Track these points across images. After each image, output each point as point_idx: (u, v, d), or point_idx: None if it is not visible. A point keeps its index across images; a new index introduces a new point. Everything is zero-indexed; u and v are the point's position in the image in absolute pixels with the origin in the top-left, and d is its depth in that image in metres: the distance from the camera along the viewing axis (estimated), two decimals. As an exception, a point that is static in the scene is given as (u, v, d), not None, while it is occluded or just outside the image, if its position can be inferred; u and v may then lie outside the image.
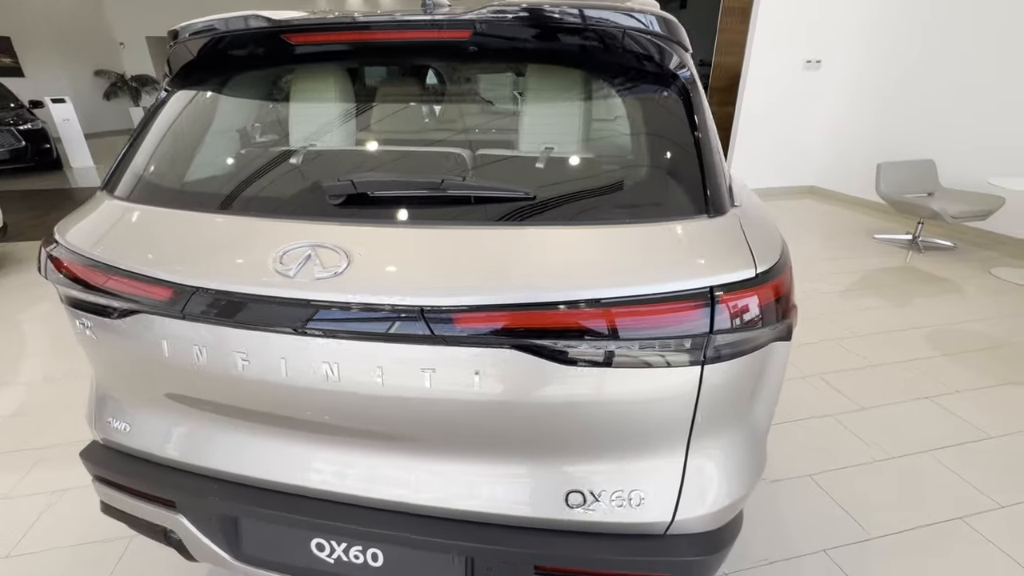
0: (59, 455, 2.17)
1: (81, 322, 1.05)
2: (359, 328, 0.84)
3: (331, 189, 0.92)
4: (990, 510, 1.85)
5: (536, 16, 0.93)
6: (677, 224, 0.88)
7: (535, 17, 0.93)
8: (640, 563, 0.92)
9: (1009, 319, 3.34)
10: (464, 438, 0.93)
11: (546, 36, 0.98)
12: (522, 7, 0.92)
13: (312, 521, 1.02)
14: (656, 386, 0.85)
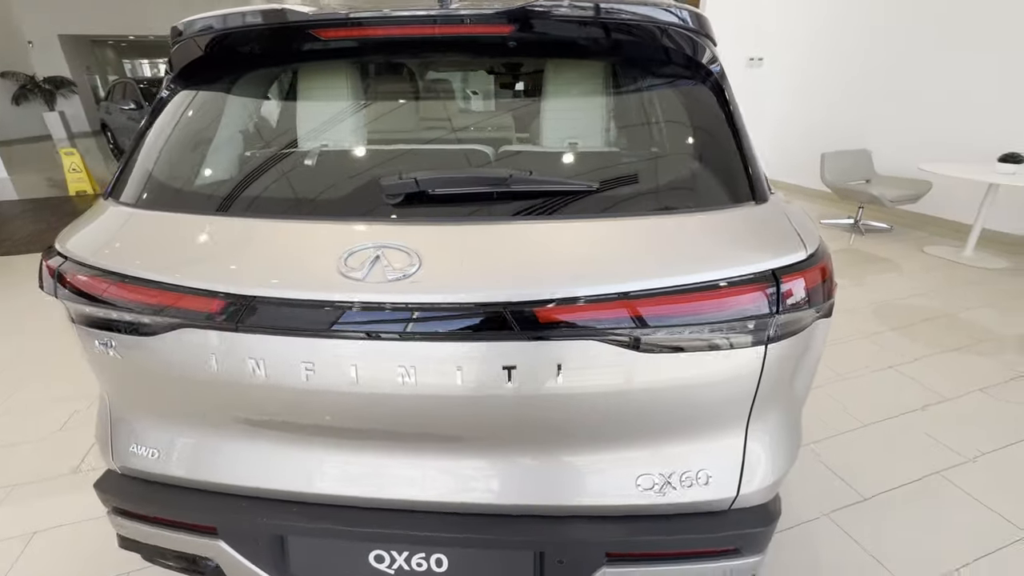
0: (26, 494, 1.98)
1: (101, 342, 0.96)
2: (438, 328, 0.82)
3: (392, 188, 0.89)
4: (960, 464, 2.04)
5: (580, 10, 0.94)
6: (732, 211, 0.92)
7: (578, 11, 0.94)
8: (709, 539, 0.96)
9: (943, 292, 3.68)
10: (540, 433, 0.93)
11: (588, 31, 0.99)
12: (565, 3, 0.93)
13: (373, 532, 0.99)
14: (726, 367, 0.88)
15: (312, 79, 1.19)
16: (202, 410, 1.00)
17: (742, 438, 0.97)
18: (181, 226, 0.97)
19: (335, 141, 1.16)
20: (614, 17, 0.97)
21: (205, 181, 1.07)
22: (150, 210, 1.00)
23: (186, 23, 1.08)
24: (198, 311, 0.86)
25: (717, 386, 0.90)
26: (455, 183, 0.91)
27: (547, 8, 0.92)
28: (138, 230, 0.98)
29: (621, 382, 0.87)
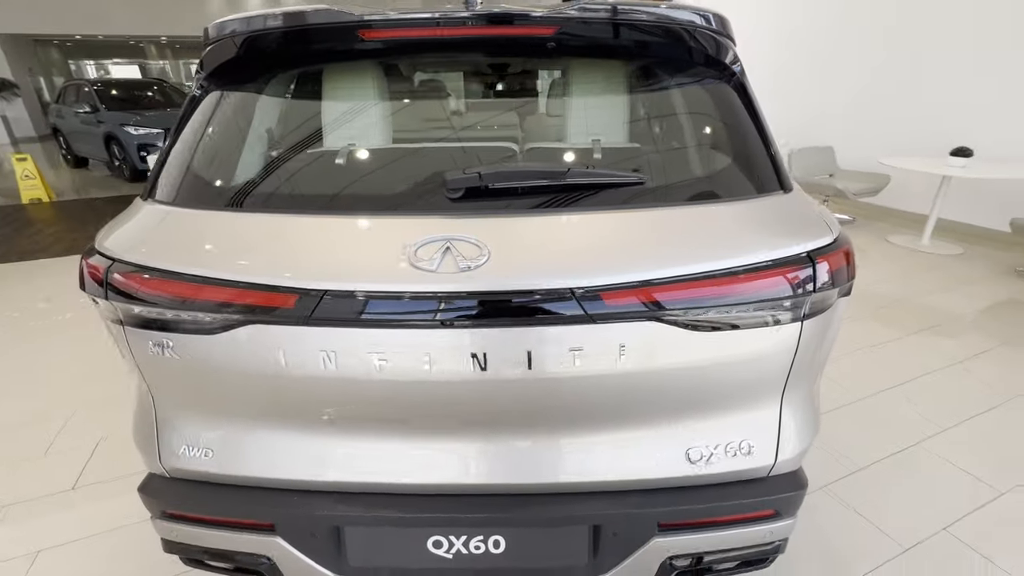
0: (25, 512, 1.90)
1: (156, 343, 0.96)
2: (510, 315, 0.86)
3: (456, 182, 0.92)
4: (937, 433, 2.21)
5: (619, 14, 1.00)
6: (766, 199, 1.00)
7: (620, 14, 1.00)
8: (752, 505, 1.04)
9: (906, 279, 3.95)
10: (598, 413, 0.98)
11: (624, 33, 1.06)
12: (607, 5, 0.99)
13: (432, 517, 1.02)
14: (768, 343, 0.95)
15: (357, 79, 1.20)
16: (262, 405, 1.00)
17: (778, 409, 1.05)
18: (244, 225, 0.97)
19: (385, 139, 1.18)
20: (647, 20, 1.04)
21: (261, 180, 1.08)
22: (209, 210, 1.00)
23: (219, 24, 1.08)
24: (269, 307, 0.88)
25: (759, 360, 0.97)
26: (516, 177, 0.95)
27: (595, 11, 0.98)
28: (197, 230, 0.98)
29: (678, 360, 0.93)
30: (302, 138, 1.17)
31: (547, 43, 1.07)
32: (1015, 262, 4.19)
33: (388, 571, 1.10)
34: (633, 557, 1.06)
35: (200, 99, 1.12)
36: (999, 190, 4.55)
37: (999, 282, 3.83)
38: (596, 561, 1.08)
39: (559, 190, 0.96)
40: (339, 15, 0.98)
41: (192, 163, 1.05)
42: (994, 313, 3.35)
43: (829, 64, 5.74)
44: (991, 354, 2.83)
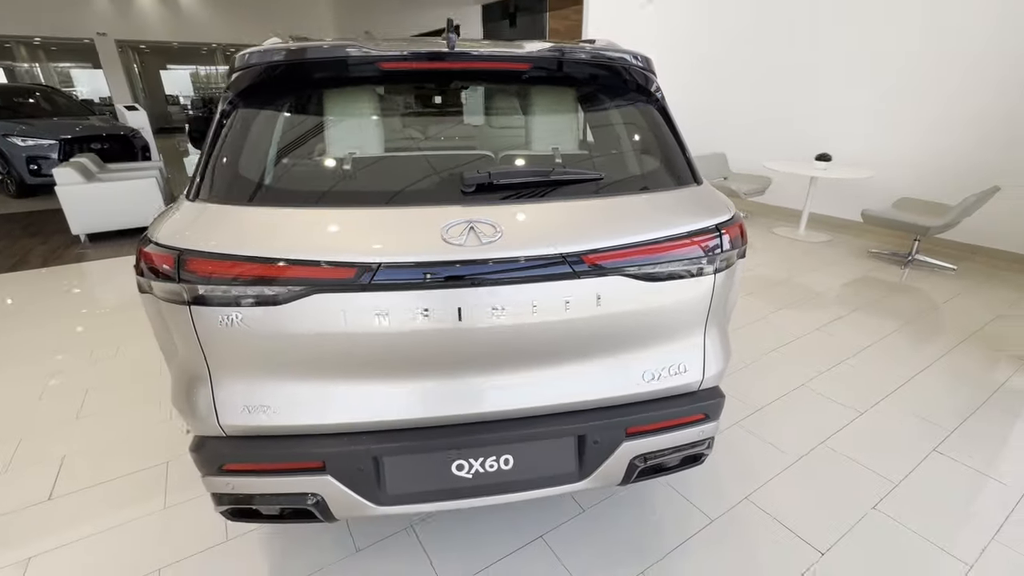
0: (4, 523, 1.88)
1: (224, 317, 1.15)
2: (519, 275, 1.17)
3: (472, 179, 1.22)
4: (813, 378, 2.82)
5: (582, 55, 1.37)
6: (687, 189, 1.41)
7: (582, 56, 1.37)
8: (688, 410, 1.42)
9: (786, 262, 4.74)
10: (582, 347, 1.31)
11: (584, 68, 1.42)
12: (577, 48, 1.35)
13: (457, 440, 1.30)
14: (695, 289, 1.35)
15: (377, 100, 1.45)
16: (318, 362, 1.21)
17: (702, 339, 1.45)
18: (305, 217, 1.19)
19: (404, 147, 1.44)
20: (599, 59, 1.41)
21: (315, 182, 1.30)
22: (271, 207, 1.21)
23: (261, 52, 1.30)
24: (334, 279, 1.12)
25: (689, 302, 1.36)
26: (516, 175, 1.27)
27: (564, 52, 1.33)
28: (264, 223, 1.18)
29: (636, 304, 1.29)
30: (343, 146, 1.40)
31: (523, 74, 1.41)
32: (868, 245, 5.18)
33: (419, 495, 1.35)
34: (608, 461, 1.40)
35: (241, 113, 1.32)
36: (854, 188, 5.58)
37: (856, 262, 4.73)
38: (582, 468, 1.41)
39: (543, 185, 1.29)
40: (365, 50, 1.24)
41: (253, 168, 1.26)
42: (852, 286, 4.17)
43: (724, 84, 6.64)
44: (848, 318, 3.56)
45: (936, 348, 3.14)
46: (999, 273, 4.45)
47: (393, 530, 1.85)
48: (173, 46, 16.61)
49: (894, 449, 2.27)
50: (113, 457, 2.24)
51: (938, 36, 4.71)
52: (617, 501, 1.98)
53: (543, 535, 1.83)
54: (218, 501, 1.32)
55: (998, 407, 2.57)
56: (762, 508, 1.95)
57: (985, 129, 4.58)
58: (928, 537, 1.82)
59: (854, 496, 2.01)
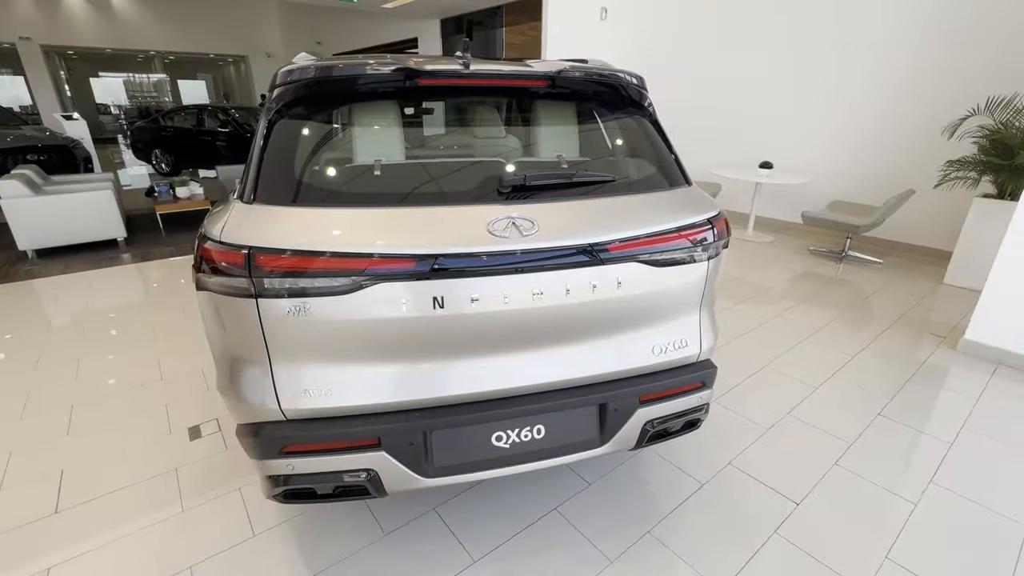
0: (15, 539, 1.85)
1: (292, 307, 1.26)
2: (555, 262, 1.36)
3: (510, 180, 1.40)
4: (773, 360, 3.16)
5: (591, 73, 1.58)
6: (681, 189, 1.65)
7: (590, 74, 1.58)
8: (690, 379, 1.65)
9: (738, 262, 5.18)
10: (605, 325, 1.51)
11: (590, 85, 1.64)
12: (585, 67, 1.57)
13: (497, 412, 1.45)
14: (693, 274, 1.58)
15: (415, 112, 1.60)
16: (376, 346, 1.33)
17: (698, 318, 1.68)
18: (364, 216, 1.32)
19: (442, 154, 1.59)
20: (606, 78, 1.63)
21: (367, 185, 1.42)
22: (327, 208, 1.33)
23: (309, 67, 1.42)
24: (396, 269, 1.26)
25: (689, 284, 1.59)
26: (547, 177, 1.46)
27: (575, 71, 1.54)
28: (324, 223, 1.29)
29: (648, 286, 1.50)
30: (386, 153, 1.53)
31: (541, 91, 1.61)
32: (808, 244, 5.74)
33: (463, 466, 1.49)
34: (625, 426, 1.60)
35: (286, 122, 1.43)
36: (794, 192, 6.15)
37: (798, 259, 5.24)
38: (603, 434, 1.60)
39: (567, 186, 1.49)
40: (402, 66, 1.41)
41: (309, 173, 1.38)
42: (796, 281, 4.63)
43: (674, 96, 7.14)
44: (796, 308, 3.98)
45: (870, 331, 3.59)
46: (918, 266, 5.06)
47: (418, 512, 1.97)
48: (105, 52, 15.70)
49: (846, 416, 2.61)
50: (115, 469, 2.22)
51: (865, 58, 5.34)
52: (618, 475, 2.18)
53: (557, 507, 2.01)
54: (274, 484, 1.41)
55: (926, 378, 2.99)
56: (744, 471, 2.21)
57: (904, 141, 5.22)
58: (880, 484, 2.14)
59: (818, 455, 2.31)
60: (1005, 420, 2.59)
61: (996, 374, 3.03)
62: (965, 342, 3.27)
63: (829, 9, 5.44)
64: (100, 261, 5.09)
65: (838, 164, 5.72)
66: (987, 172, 4.21)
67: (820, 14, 5.52)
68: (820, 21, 5.53)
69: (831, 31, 5.47)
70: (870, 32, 5.20)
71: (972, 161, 4.27)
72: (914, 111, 5.07)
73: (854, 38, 5.32)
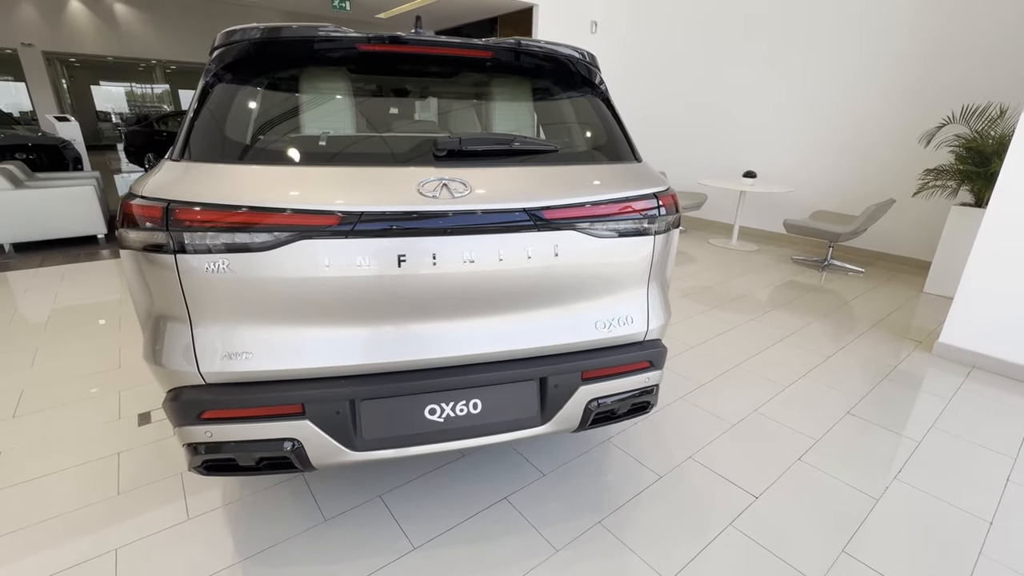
0: None
1: (211, 264, 1.22)
2: (487, 223, 1.33)
3: (445, 143, 1.37)
4: (745, 360, 3.11)
5: (535, 47, 1.57)
6: (628, 164, 1.63)
7: (534, 48, 1.57)
8: (635, 357, 1.60)
9: (722, 269, 5.16)
10: (543, 295, 1.47)
11: (536, 60, 1.62)
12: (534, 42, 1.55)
13: (429, 383, 1.40)
14: (638, 248, 1.54)
15: (354, 79, 1.58)
16: (299, 307, 1.28)
17: (645, 295, 1.64)
18: (293, 172, 1.29)
19: (379, 123, 1.57)
20: (552, 52, 1.62)
21: (294, 145, 1.40)
22: (250, 165, 1.30)
23: None
24: (317, 226, 1.22)
25: (633, 259, 1.56)
26: (483, 142, 1.43)
27: (523, 44, 1.53)
28: (251, 177, 1.26)
29: (589, 257, 1.47)
30: (322, 116, 1.51)
31: (486, 62, 1.59)
32: (791, 253, 5.73)
33: (394, 439, 1.44)
34: (567, 405, 1.55)
35: (223, 84, 1.41)
36: (777, 203, 6.17)
37: (781, 267, 5.23)
38: (544, 412, 1.55)
39: (507, 154, 1.46)
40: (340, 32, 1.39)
41: (239, 132, 1.35)
42: (778, 287, 4.61)
43: (663, 108, 7.21)
44: (775, 312, 3.95)
45: (847, 335, 3.55)
46: (899, 275, 5.05)
47: (363, 499, 1.90)
48: (108, 60, 15.88)
49: (815, 413, 2.56)
50: (56, 452, 2.15)
51: (845, 67, 5.40)
52: (575, 466, 2.12)
53: (507, 496, 1.94)
54: (193, 452, 1.35)
55: (899, 379, 2.94)
56: (704, 465, 2.15)
57: (884, 151, 5.26)
58: (843, 479, 2.08)
59: (782, 451, 2.25)
60: (976, 421, 2.54)
61: (970, 377, 2.98)
62: (940, 345, 3.23)
63: (810, 23, 5.53)
64: (78, 256, 5.05)
65: (820, 174, 5.75)
66: (964, 181, 4.23)
67: (802, 28, 5.60)
68: (802, 35, 5.62)
69: (812, 44, 5.55)
70: (849, 42, 5.28)
71: (949, 170, 4.29)
72: (893, 121, 5.11)
73: (834, 49, 5.39)
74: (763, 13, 5.87)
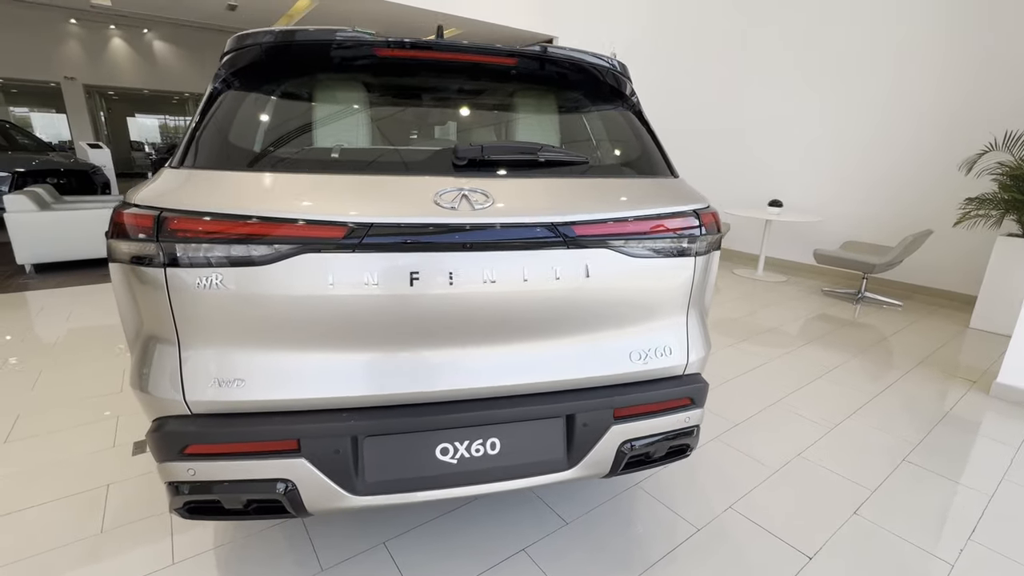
0: None
1: (203, 279, 1.09)
2: (511, 240, 1.18)
3: (463, 152, 1.24)
4: (784, 397, 2.87)
5: (561, 55, 1.46)
6: (666, 179, 1.48)
7: (560, 56, 1.46)
8: (675, 393, 1.42)
9: (749, 300, 4.94)
10: (571, 320, 1.30)
11: (563, 69, 1.51)
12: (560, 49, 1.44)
13: (441, 419, 1.23)
14: (677, 270, 1.38)
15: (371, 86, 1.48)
16: (298, 329, 1.14)
17: (684, 323, 1.47)
18: (291, 181, 1.17)
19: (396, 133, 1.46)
20: (580, 61, 1.50)
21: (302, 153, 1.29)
22: (253, 172, 1.19)
23: None
24: (321, 238, 1.09)
25: (672, 282, 1.39)
26: (507, 151, 1.31)
27: (549, 51, 1.42)
28: (253, 184, 1.15)
29: (623, 279, 1.31)
30: (334, 124, 1.41)
31: (510, 70, 1.49)
32: (821, 285, 5.48)
33: (401, 483, 1.26)
34: (597, 446, 1.36)
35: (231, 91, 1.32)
36: (804, 233, 5.96)
37: (812, 299, 4.98)
38: (571, 454, 1.36)
39: (531, 164, 1.33)
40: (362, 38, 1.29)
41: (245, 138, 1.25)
42: (810, 320, 4.36)
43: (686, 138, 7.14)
44: (807, 347, 3.70)
45: (892, 373, 3.28)
46: (940, 310, 4.76)
47: (365, 546, 1.70)
48: (143, 93, 16.60)
49: (867, 460, 2.30)
50: (43, 482, 2.01)
51: (878, 95, 5.27)
52: (600, 513, 1.90)
53: (525, 548, 1.73)
54: (175, 492, 1.20)
55: (956, 423, 2.67)
56: (746, 516, 1.91)
57: (920, 180, 5.05)
58: (909, 539, 1.82)
59: (835, 503, 2.00)
60: (1053, 472, 2.25)
61: (1037, 422, 2.70)
62: (998, 386, 2.95)
63: (842, 49, 5.44)
64: (96, 277, 5.05)
65: (851, 205, 5.54)
66: (1009, 210, 3.99)
67: (833, 55, 5.52)
68: (833, 62, 5.52)
69: (843, 73, 5.44)
70: (885, 68, 5.16)
71: (993, 199, 4.07)
72: (930, 149, 4.92)
73: (869, 74, 5.27)
74: (792, 39, 5.81)
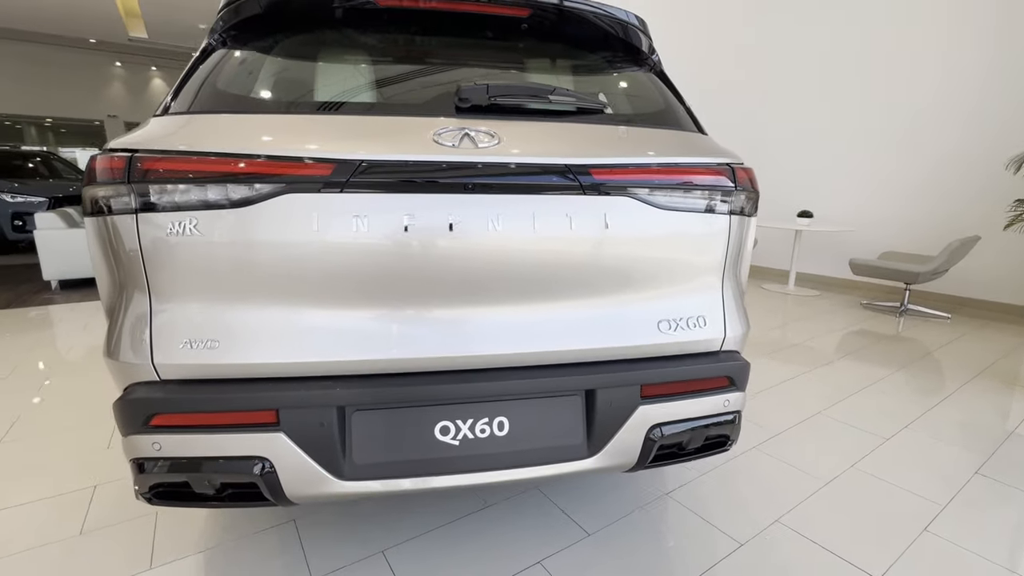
0: None
1: (176, 225, 0.99)
2: (519, 183, 1.04)
3: (466, 93, 1.12)
4: (826, 408, 2.61)
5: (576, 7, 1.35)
6: (694, 134, 1.34)
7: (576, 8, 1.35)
8: (711, 370, 1.23)
9: (781, 314, 4.66)
10: (589, 279, 1.14)
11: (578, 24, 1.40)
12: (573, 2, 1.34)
13: (442, 391, 1.07)
14: (710, 228, 1.22)
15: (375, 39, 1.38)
16: (277, 281, 1.02)
17: (720, 293, 1.29)
18: (276, 119, 1.08)
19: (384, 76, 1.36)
20: (596, 13, 1.39)
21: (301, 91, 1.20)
22: (236, 113, 1.09)
23: None
24: (304, 176, 0.97)
25: (705, 242, 1.22)
26: (516, 93, 1.18)
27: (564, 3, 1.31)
28: (234, 124, 1.05)
29: (648, 232, 1.15)
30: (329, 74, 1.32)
31: (521, 23, 1.38)
32: (858, 299, 5.16)
33: (394, 466, 1.09)
34: (622, 430, 1.18)
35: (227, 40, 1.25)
36: (836, 246, 5.68)
37: (850, 312, 4.67)
38: (591, 439, 1.17)
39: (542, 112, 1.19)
40: None
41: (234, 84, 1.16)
42: (850, 333, 4.06)
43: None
44: (851, 358, 3.42)
45: (948, 383, 2.98)
46: (992, 322, 4.40)
47: (362, 554, 1.52)
48: (179, 129, 17.42)
49: (931, 472, 2.02)
50: (32, 481, 1.89)
51: (914, 96, 5.08)
52: (626, 524, 1.68)
53: (541, 560, 1.52)
54: (139, 471, 1.05)
55: (1031, 433, 2.36)
56: (797, 531, 1.66)
57: (963, 184, 4.78)
58: (991, 559, 1.55)
59: (900, 518, 1.74)
60: None
61: None
62: (1076, 396, 2.62)
63: (879, 52, 5.29)
64: (117, 293, 5.09)
65: (888, 212, 5.27)
66: (1067, 211, 3.70)
67: (869, 58, 5.37)
68: (869, 65, 5.38)
69: (880, 77, 5.28)
70: (920, 71, 4.98)
71: (1047, 199, 3.78)
72: (975, 149, 4.66)
73: (902, 81, 5.10)
74: (824, 41, 5.69)
